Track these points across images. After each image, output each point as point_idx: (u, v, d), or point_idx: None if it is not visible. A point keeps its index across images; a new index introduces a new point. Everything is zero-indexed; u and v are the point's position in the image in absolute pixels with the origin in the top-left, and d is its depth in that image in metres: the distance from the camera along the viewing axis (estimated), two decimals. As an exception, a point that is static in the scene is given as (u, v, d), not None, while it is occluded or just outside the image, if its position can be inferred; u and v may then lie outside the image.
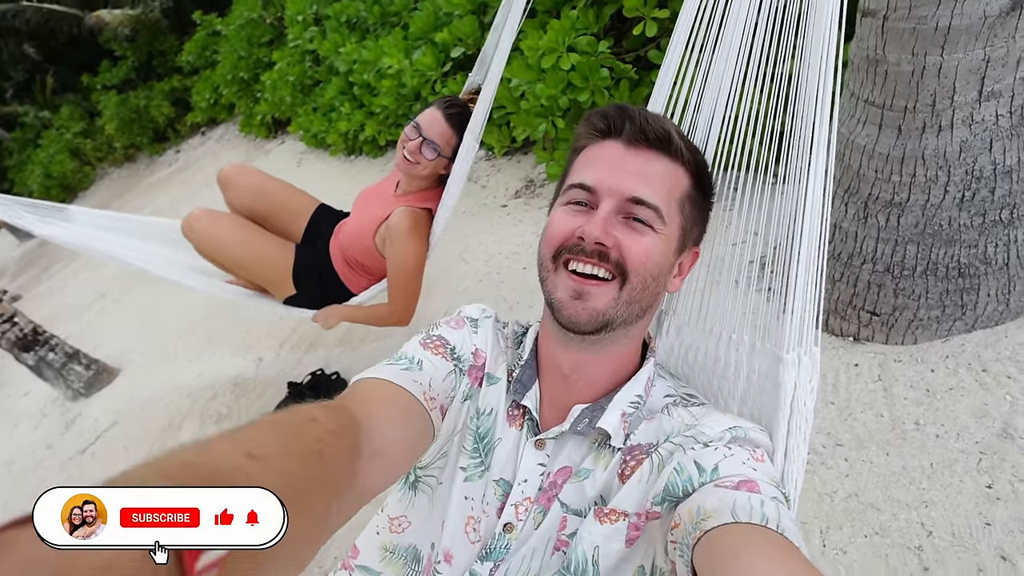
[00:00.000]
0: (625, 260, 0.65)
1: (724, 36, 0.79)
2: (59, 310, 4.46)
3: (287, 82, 4.92)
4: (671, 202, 0.67)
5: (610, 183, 0.66)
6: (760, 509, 0.53)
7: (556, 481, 0.69)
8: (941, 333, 1.47)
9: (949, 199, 1.30)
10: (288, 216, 1.91)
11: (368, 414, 0.59)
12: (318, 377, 2.35)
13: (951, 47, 1.15)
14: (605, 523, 0.63)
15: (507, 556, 0.68)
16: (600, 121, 0.70)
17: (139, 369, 3.17)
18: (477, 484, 0.72)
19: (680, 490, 0.60)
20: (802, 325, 0.63)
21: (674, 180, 0.68)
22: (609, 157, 0.68)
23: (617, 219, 0.66)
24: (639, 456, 0.66)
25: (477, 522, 0.70)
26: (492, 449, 0.73)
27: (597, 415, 0.68)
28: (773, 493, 0.56)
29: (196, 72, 7.27)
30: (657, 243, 0.66)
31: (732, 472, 0.59)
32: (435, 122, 1.58)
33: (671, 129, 0.68)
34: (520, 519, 0.69)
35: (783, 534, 0.52)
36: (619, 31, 2.75)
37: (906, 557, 1.21)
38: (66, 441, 2.84)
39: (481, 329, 0.79)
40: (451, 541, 0.71)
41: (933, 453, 1.33)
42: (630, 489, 0.63)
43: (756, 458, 0.61)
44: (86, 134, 8.29)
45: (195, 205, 1.92)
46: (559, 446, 0.71)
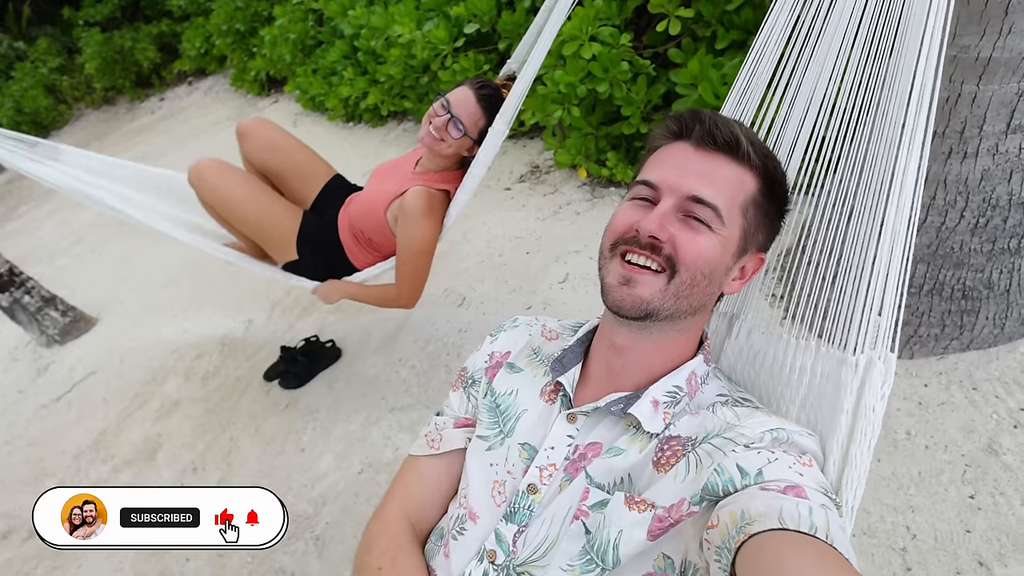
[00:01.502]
0: (677, 255, 0.68)
1: (818, 44, 0.80)
2: (30, 252, 4.28)
3: (287, 39, 4.77)
4: (733, 205, 0.69)
5: (672, 181, 0.69)
6: (809, 517, 0.53)
7: (585, 454, 0.71)
8: (937, 351, 1.54)
9: (964, 224, 1.36)
10: (302, 179, 1.87)
11: (419, 512, 0.81)
12: (312, 344, 2.32)
13: (988, 78, 1.19)
14: (633, 510, 0.64)
15: (531, 520, 0.70)
16: (673, 123, 0.73)
17: (119, 320, 3.08)
18: (499, 450, 0.76)
19: (720, 489, 0.60)
20: (877, 329, 0.65)
21: (739, 183, 0.70)
22: (677, 157, 0.72)
23: (676, 216, 0.69)
24: (676, 448, 0.67)
25: (502, 484, 0.74)
26: (514, 418, 0.77)
27: (632, 402, 0.71)
28: (822, 500, 0.56)
29: (187, 18, 6.98)
30: (713, 243, 0.68)
31: (778, 476, 0.59)
32: (465, 101, 1.56)
33: (740, 133, 0.70)
34: (544, 483, 0.71)
35: (832, 544, 0.52)
36: (638, 26, 2.76)
37: (890, 557, 1.28)
38: (38, 387, 2.75)
39: (503, 334, 0.88)
40: (476, 503, 0.74)
41: (921, 462, 1.41)
42: (665, 484, 0.65)
43: (803, 463, 0.61)
44: (63, 71, 7.89)
45: (182, 155, 1.87)
46: (592, 423, 0.73)
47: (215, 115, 5.90)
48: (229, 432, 2.15)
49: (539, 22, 1.61)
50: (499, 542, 0.70)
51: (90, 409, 2.50)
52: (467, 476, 0.78)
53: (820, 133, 0.80)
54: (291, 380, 2.25)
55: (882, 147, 0.70)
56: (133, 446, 2.23)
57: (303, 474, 1.89)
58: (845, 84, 0.78)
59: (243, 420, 2.18)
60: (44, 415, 2.57)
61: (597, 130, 2.66)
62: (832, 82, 0.80)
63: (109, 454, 2.23)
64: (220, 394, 2.34)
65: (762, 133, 0.85)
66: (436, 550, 0.77)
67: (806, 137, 0.81)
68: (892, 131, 0.68)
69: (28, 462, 2.33)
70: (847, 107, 0.77)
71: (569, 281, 2.29)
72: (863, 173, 0.73)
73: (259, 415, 2.17)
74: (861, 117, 0.76)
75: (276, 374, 2.30)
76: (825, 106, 0.80)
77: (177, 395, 2.42)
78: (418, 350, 2.21)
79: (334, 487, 1.82)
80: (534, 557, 0.67)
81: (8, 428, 2.56)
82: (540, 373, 0.81)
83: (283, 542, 1.70)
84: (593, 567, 0.64)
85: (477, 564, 0.71)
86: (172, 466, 2.09)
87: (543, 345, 0.85)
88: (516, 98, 1.48)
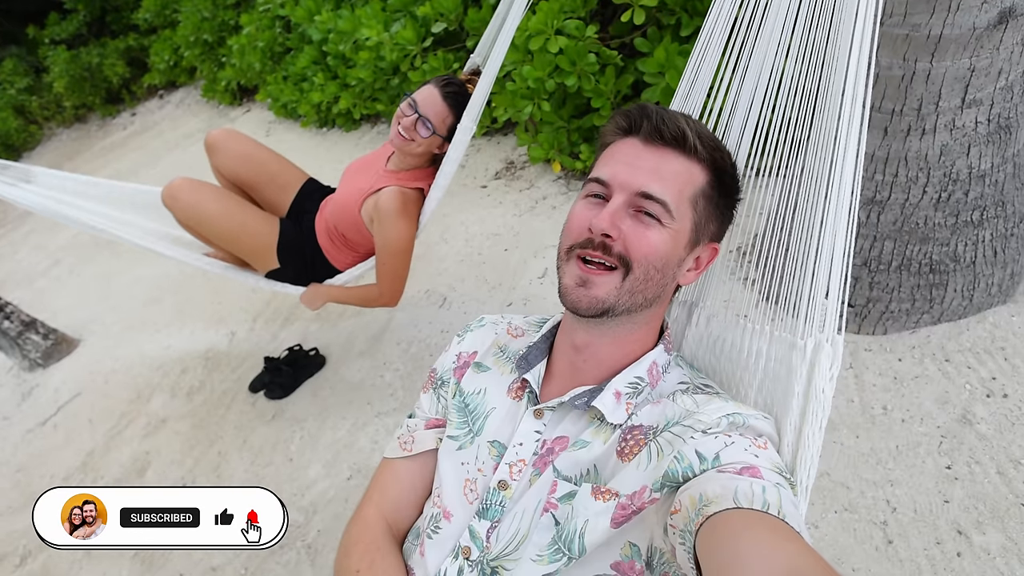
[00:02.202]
0: (629, 251, 0.69)
1: (761, 28, 0.81)
2: (7, 276, 4.23)
3: (256, 48, 4.73)
4: (682, 199, 0.70)
5: (623, 178, 0.71)
6: (762, 495, 0.55)
7: (553, 448, 0.72)
8: (909, 325, 1.56)
9: (927, 199, 1.38)
10: (276, 187, 1.86)
11: (395, 513, 0.82)
12: (296, 353, 2.32)
13: (940, 55, 1.21)
14: (599, 500, 0.66)
15: (502, 515, 0.71)
16: (622, 119, 0.75)
17: (101, 340, 3.05)
18: (469, 449, 0.77)
19: (680, 475, 0.62)
20: (824, 312, 0.66)
21: (688, 177, 0.71)
22: (626, 153, 0.73)
23: (627, 212, 0.70)
24: (638, 437, 0.69)
25: (473, 482, 0.75)
26: (483, 416, 0.79)
27: (595, 395, 0.72)
28: (776, 479, 0.58)
29: (154, 31, 6.89)
30: (664, 236, 0.70)
31: (734, 459, 0.60)
32: (432, 100, 1.56)
33: (687, 127, 0.71)
34: (514, 479, 0.72)
35: (784, 519, 0.53)
36: (604, 16, 2.76)
37: (872, 531, 1.31)
38: (23, 412, 2.72)
39: (470, 334, 0.90)
40: (450, 502, 0.76)
41: (899, 436, 1.43)
42: (628, 472, 0.66)
43: (758, 445, 0.63)
44: (32, 91, 7.76)
45: (156, 171, 1.86)
46: (558, 418, 0.75)
47: (187, 127, 5.84)
48: (217, 446, 2.14)
49: (500, 14, 1.61)
50: (473, 538, 0.71)
51: (77, 431, 2.48)
52: (440, 476, 0.79)
53: (766, 119, 0.81)
54: (276, 390, 2.24)
55: (822, 132, 0.71)
56: (122, 466, 2.21)
57: (293, 483, 1.89)
58: (787, 70, 0.79)
59: (231, 433, 2.17)
60: (31, 440, 2.54)
61: (569, 123, 2.66)
62: (775, 68, 0.81)
63: (98, 475, 2.21)
64: (206, 409, 2.33)
65: (712, 119, 0.86)
66: (413, 549, 0.79)
67: (753, 123, 0.82)
68: (830, 116, 0.69)
69: (17, 487, 2.31)
70: (790, 92, 0.78)
71: (548, 276, 2.30)
72: (806, 157, 0.74)
73: (246, 427, 2.17)
74: (802, 102, 0.77)
75: (261, 385, 2.29)
76: (770, 91, 0.81)
77: (164, 412, 2.40)
78: (401, 352, 2.21)
79: (324, 495, 1.82)
80: (507, 551, 0.69)
81: (-6, 456, 2.54)
82: (507, 371, 0.82)
83: (275, 551, 1.70)
84: (560, 556, 0.66)
85: (452, 561, 0.72)
86: (161, 483, 2.08)
87: (509, 343, 0.86)
88: (482, 93, 1.49)
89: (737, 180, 0.78)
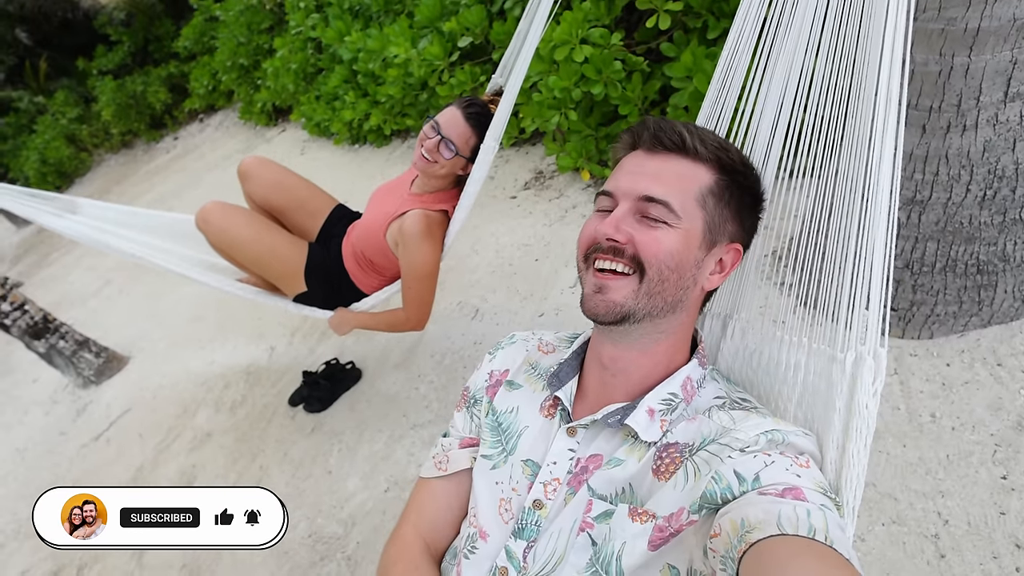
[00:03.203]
0: (640, 254, 0.70)
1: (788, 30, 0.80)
2: (62, 297, 4.45)
3: (289, 70, 4.88)
4: (687, 198, 0.70)
5: (626, 187, 0.72)
6: (807, 520, 0.53)
7: (587, 467, 0.72)
8: (957, 328, 1.50)
9: (971, 198, 1.33)
10: (305, 213, 1.91)
11: (432, 532, 0.82)
12: (333, 366, 2.37)
13: (979, 48, 1.17)
14: (636, 522, 0.65)
15: (538, 535, 0.71)
16: (627, 136, 0.78)
17: (149, 357, 3.18)
18: (503, 468, 0.77)
19: (719, 497, 0.60)
20: (864, 325, 0.64)
21: (691, 177, 0.72)
22: (631, 164, 0.75)
23: (633, 218, 0.71)
24: (674, 455, 0.68)
25: (508, 502, 0.75)
26: (516, 435, 0.79)
27: (628, 412, 0.71)
28: (821, 501, 0.56)
29: (193, 58, 7.20)
30: (672, 237, 0.70)
31: (775, 480, 0.59)
32: (454, 121, 1.57)
33: (685, 131, 0.72)
34: (549, 498, 0.72)
35: (832, 545, 0.51)
36: (629, 23, 2.75)
37: (923, 545, 1.25)
38: (78, 428, 2.85)
39: (501, 351, 0.90)
40: (485, 521, 0.76)
41: (949, 445, 1.37)
42: (665, 493, 0.65)
43: (800, 464, 0.61)
44: (82, 120, 8.19)
45: (197, 192, 1.93)
46: (591, 436, 0.74)
47: (226, 149, 6.05)
48: (259, 460, 2.20)
49: (521, 32, 1.62)
50: (510, 559, 0.71)
51: (128, 445, 2.58)
52: (475, 495, 0.79)
53: (798, 118, 0.80)
54: (315, 404, 2.29)
55: (856, 131, 0.70)
56: (169, 480, 2.29)
57: (332, 496, 1.92)
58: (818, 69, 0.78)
59: (272, 446, 2.22)
60: (85, 454, 2.66)
61: (596, 131, 2.66)
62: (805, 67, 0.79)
63: (147, 489, 2.30)
64: (248, 422, 2.39)
65: (744, 121, 0.85)
66: (450, 569, 0.79)
67: (785, 123, 0.80)
68: (864, 115, 0.67)
69: (73, 502, 2.42)
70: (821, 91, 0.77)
71: (579, 285, 2.29)
72: (840, 158, 0.72)
73: (286, 440, 2.22)
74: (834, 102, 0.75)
75: (300, 399, 2.34)
76: (801, 91, 0.79)
77: (208, 426, 2.48)
78: (435, 364, 2.23)
79: (362, 507, 1.85)
80: (544, 571, 0.68)
81: (53, 469, 2.66)
82: (539, 388, 0.82)
83: (316, 564, 1.74)
84: None
85: None
86: (207, 497, 2.15)
87: (540, 360, 0.86)
88: (504, 112, 1.50)
89: (755, 178, 0.77)
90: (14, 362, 3.67)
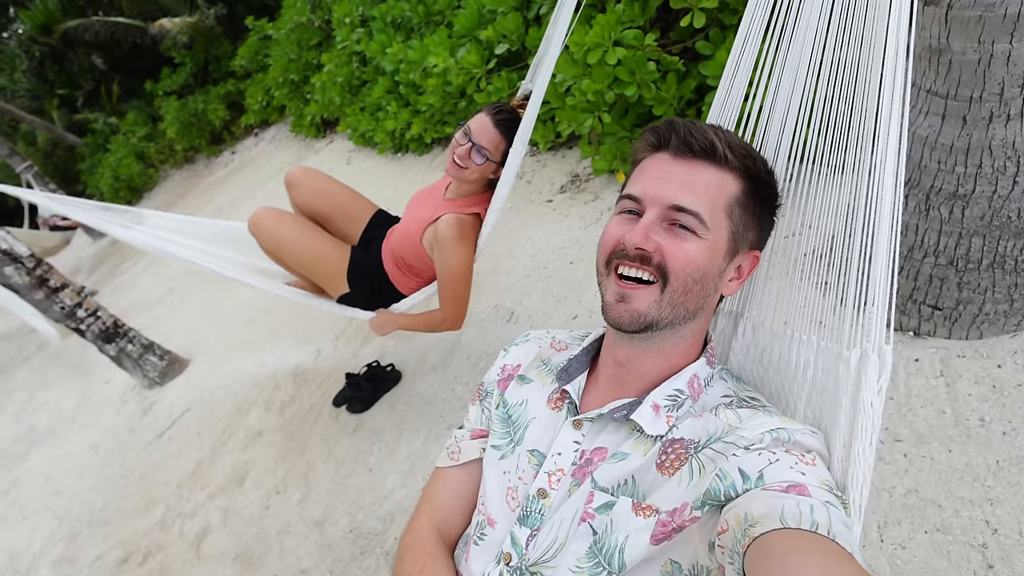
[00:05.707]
0: (667, 263, 0.69)
1: (797, 25, 0.79)
2: (132, 304, 4.76)
3: (335, 83, 5.07)
4: (716, 208, 0.70)
5: (654, 193, 0.71)
6: (810, 515, 0.53)
7: (592, 459, 0.73)
8: (1009, 328, 1.42)
9: (1018, 190, 1.26)
10: (348, 218, 2.00)
11: (445, 520, 0.85)
12: (374, 368, 2.45)
13: (1020, 34, 1.11)
14: (639, 516, 0.66)
15: (542, 523, 0.73)
16: (652, 136, 0.76)
17: (207, 360, 3.37)
18: (511, 458, 0.80)
19: (722, 494, 0.61)
20: (869, 321, 0.63)
21: (720, 187, 0.71)
22: (657, 168, 0.73)
23: (661, 226, 0.71)
24: (679, 451, 0.69)
25: (515, 490, 0.77)
26: (523, 426, 0.81)
27: (634, 408, 0.73)
28: (825, 497, 0.56)
29: (249, 76, 7.57)
30: (700, 248, 0.70)
31: (779, 478, 0.59)
32: (484, 128, 1.62)
33: (716, 138, 0.71)
34: (553, 488, 0.74)
35: (835, 540, 0.52)
36: (665, 22, 2.73)
37: (969, 554, 1.20)
38: (145, 426, 3.05)
39: (515, 347, 0.93)
40: (493, 509, 0.78)
41: (999, 450, 1.30)
42: (669, 488, 0.66)
43: (806, 462, 0.61)
44: (150, 138, 8.76)
45: (252, 203, 2.04)
46: (597, 429, 0.76)
47: (279, 161, 6.33)
48: (306, 457, 2.30)
49: (547, 38, 1.65)
50: (514, 545, 0.74)
51: (188, 443, 2.75)
52: (484, 484, 0.82)
53: (804, 120, 0.79)
54: (357, 405, 2.38)
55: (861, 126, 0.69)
56: (225, 475, 2.43)
57: (372, 493, 1.99)
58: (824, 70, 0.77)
59: (317, 445, 2.32)
60: (150, 450, 2.85)
61: (632, 133, 2.65)
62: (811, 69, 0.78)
63: (205, 482, 2.45)
64: (296, 422, 2.51)
65: (751, 123, 0.85)
66: (461, 555, 0.82)
67: (792, 125, 0.80)
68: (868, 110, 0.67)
69: (140, 493, 2.60)
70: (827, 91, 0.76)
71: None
72: (845, 154, 0.72)
73: (331, 439, 2.31)
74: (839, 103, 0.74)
75: (344, 400, 2.44)
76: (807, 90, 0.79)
77: (259, 425, 2.61)
78: (471, 367, 2.28)
79: (401, 504, 1.91)
80: (544, 558, 0.71)
81: (123, 463, 2.86)
82: (548, 382, 0.84)
83: (356, 558, 1.81)
84: (600, 569, 0.67)
85: (494, 566, 0.75)
86: (258, 490, 2.27)
87: (552, 356, 0.89)
88: (530, 116, 1.53)
89: (775, 186, 0.77)
90: (89, 364, 3.96)
